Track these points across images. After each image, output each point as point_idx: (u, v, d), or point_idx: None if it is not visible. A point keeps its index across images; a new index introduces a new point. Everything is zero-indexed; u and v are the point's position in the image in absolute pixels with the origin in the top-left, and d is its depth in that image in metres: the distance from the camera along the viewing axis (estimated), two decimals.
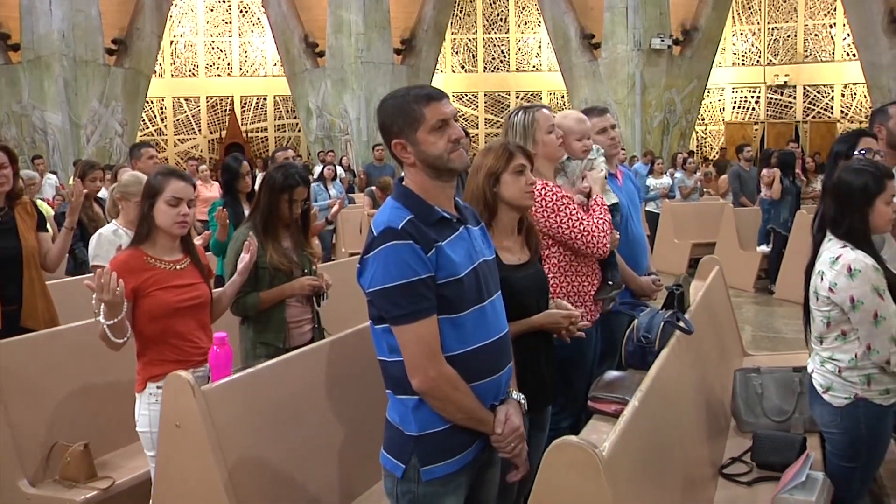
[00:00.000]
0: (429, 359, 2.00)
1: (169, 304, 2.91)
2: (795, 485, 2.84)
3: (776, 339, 7.19)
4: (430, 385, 2.01)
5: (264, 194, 3.58)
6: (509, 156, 2.64)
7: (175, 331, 2.94)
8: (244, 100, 22.87)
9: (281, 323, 3.53)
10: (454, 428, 2.07)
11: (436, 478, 2.06)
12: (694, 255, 9.66)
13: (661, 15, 16.83)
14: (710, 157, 20.75)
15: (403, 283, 1.96)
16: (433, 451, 2.06)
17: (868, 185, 2.81)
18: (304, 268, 3.62)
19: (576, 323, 2.73)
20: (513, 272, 2.60)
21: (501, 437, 2.10)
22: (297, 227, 3.67)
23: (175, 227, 2.95)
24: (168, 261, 2.98)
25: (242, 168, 5.15)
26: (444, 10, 19.08)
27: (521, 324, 2.60)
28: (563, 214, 3.16)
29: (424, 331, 1.99)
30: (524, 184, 2.63)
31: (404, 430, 2.08)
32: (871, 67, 16.38)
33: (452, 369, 2.03)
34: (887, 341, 2.75)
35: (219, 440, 2.50)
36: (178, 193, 2.93)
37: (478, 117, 23.25)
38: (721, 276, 4.62)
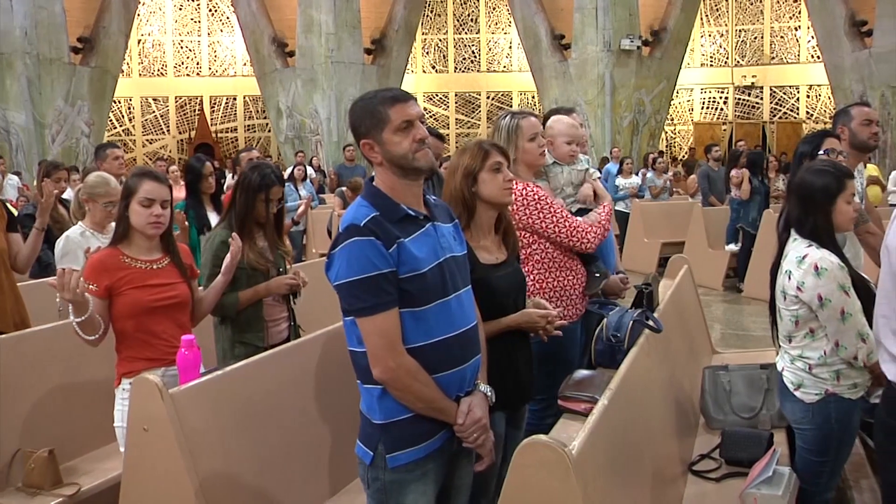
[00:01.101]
0: (389, 350, 2.07)
1: (142, 302, 2.92)
2: (763, 480, 2.88)
3: (745, 337, 7.28)
4: (390, 375, 2.09)
5: (240, 194, 3.58)
6: (485, 154, 2.67)
7: (149, 329, 2.95)
8: (213, 100, 22.68)
9: (260, 322, 3.55)
10: (418, 416, 2.14)
11: (401, 464, 2.13)
12: (663, 255, 9.74)
13: (631, 16, 16.98)
14: (679, 157, 20.97)
15: (364, 277, 2.04)
16: (398, 438, 2.14)
17: (829, 185, 2.87)
18: (278, 266, 3.65)
19: (553, 322, 2.75)
20: (490, 271, 2.61)
21: (463, 428, 2.16)
22: (271, 227, 3.68)
23: (148, 228, 2.95)
24: (145, 260, 2.99)
25: (205, 169, 5.09)
26: (414, 10, 19.06)
27: (498, 322, 2.62)
28: (548, 213, 3.23)
29: (384, 323, 2.07)
30: (502, 181, 2.65)
31: (371, 418, 2.17)
32: (834, 69, 16.66)
33: (413, 360, 2.10)
34: (854, 337, 2.80)
35: (188, 444, 2.47)
36: (151, 194, 2.93)
37: (448, 117, 23.26)
38: (690, 275, 4.67)
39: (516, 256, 2.84)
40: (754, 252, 8.88)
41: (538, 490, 1.87)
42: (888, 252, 1.94)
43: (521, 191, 3.21)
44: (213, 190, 5.17)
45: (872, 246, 3.76)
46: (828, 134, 3.91)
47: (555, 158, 3.57)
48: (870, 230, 3.80)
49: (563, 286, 3.34)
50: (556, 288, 3.33)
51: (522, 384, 2.75)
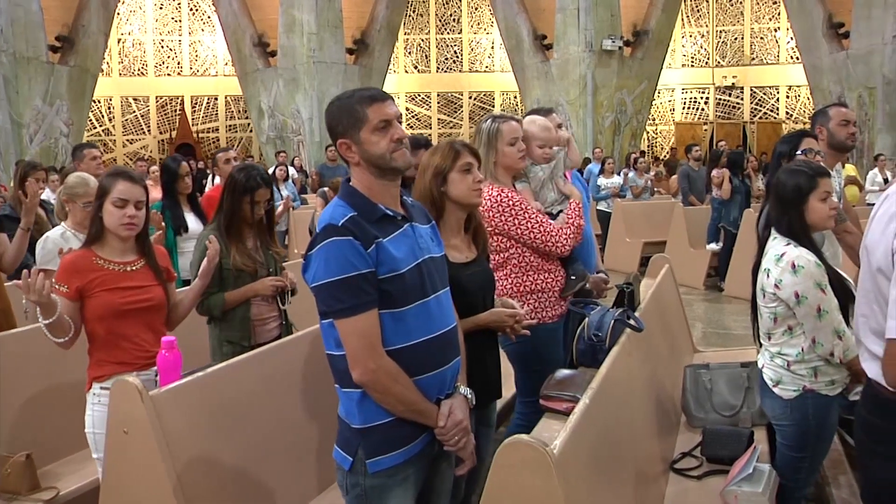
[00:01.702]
0: (368, 352, 2.04)
1: (114, 305, 2.87)
2: (743, 477, 2.92)
3: (726, 336, 7.32)
4: (370, 378, 2.05)
5: (227, 196, 3.60)
6: (456, 154, 2.66)
7: (121, 332, 2.90)
8: (195, 100, 22.54)
9: (245, 321, 3.56)
10: (399, 420, 2.11)
11: (382, 469, 2.10)
12: (645, 254, 9.81)
13: (613, 17, 17.05)
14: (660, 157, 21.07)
15: (343, 278, 2.02)
16: (378, 443, 2.10)
17: (801, 185, 2.92)
18: (269, 267, 3.65)
19: (520, 321, 2.76)
20: (459, 270, 2.61)
21: (444, 431, 2.14)
22: (261, 227, 3.70)
23: (121, 230, 2.91)
24: (118, 262, 2.94)
25: (182, 169, 5.05)
26: (397, 10, 19.05)
27: (466, 322, 2.62)
28: (523, 218, 3.24)
29: (364, 324, 2.04)
30: (471, 182, 2.65)
31: (350, 422, 2.13)
32: (813, 70, 16.83)
33: (393, 362, 2.07)
34: (830, 334, 2.84)
35: (168, 446, 2.45)
36: (124, 195, 2.89)
37: (430, 117, 23.25)
38: (671, 274, 4.69)
39: (486, 256, 2.85)
40: (735, 251, 8.94)
41: (520, 489, 1.87)
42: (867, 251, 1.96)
43: (497, 196, 3.22)
44: (190, 190, 5.12)
45: (850, 244, 3.80)
46: (805, 134, 3.95)
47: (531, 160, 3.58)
48: (847, 229, 3.84)
49: (542, 288, 3.35)
50: (535, 290, 3.34)
51: (490, 382, 2.76)
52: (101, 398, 2.84)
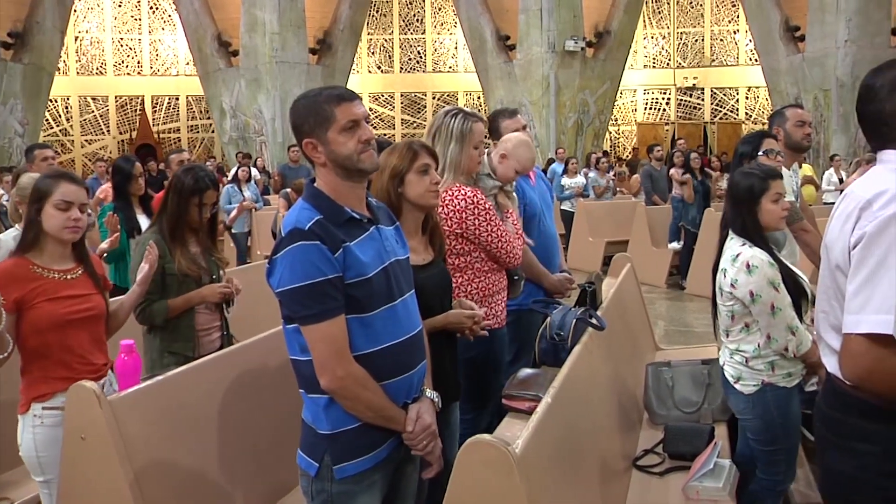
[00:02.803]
0: (336, 358, 2.01)
1: (58, 316, 2.70)
2: (704, 472, 2.96)
3: (687, 333, 7.41)
4: (339, 384, 2.02)
5: (172, 198, 3.45)
6: (413, 155, 2.63)
7: (65, 345, 2.74)
8: (155, 99, 22.25)
9: (190, 331, 3.42)
10: (366, 426, 2.08)
11: (349, 476, 2.07)
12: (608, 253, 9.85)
13: (575, 18, 17.17)
14: (623, 157, 21.29)
15: (310, 283, 1.97)
16: (345, 449, 2.07)
17: (753, 186, 3.03)
18: (212, 273, 3.52)
19: (479, 322, 2.75)
20: (417, 272, 2.58)
21: (413, 435, 2.12)
22: (204, 232, 3.56)
23: (65, 233, 2.75)
24: (58, 270, 2.77)
25: (135, 169, 4.90)
26: (360, 10, 18.98)
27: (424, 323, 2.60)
28: (493, 224, 3.22)
29: (332, 330, 2.00)
30: (428, 183, 2.63)
31: (317, 428, 2.09)
32: (771, 72, 17.14)
33: (361, 368, 2.04)
34: (784, 330, 2.94)
35: (127, 452, 2.41)
36: (69, 197, 2.73)
37: (394, 118, 23.23)
38: (633, 273, 4.73)
39: (443, 257, 2.83)
40: (696, 250, 9.06)
41: (482, 489, 1.87)
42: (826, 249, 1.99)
43: (472, 197, 3.17)
44: (143, 192, 4.99)
45: (807, 243, 3.87)
46: (766, 135, 4.02)
47: (491, 170, 3.53)
48: (804, 228, 3.91)
49: (499, 289, 3.34)
50: (494, 293, 3.32)
51: (450, 383, 2.74)
52: (44, 419, 2.69)
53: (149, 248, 3.20)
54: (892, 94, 1.88)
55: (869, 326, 1.75)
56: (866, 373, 1.80)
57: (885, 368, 1.77)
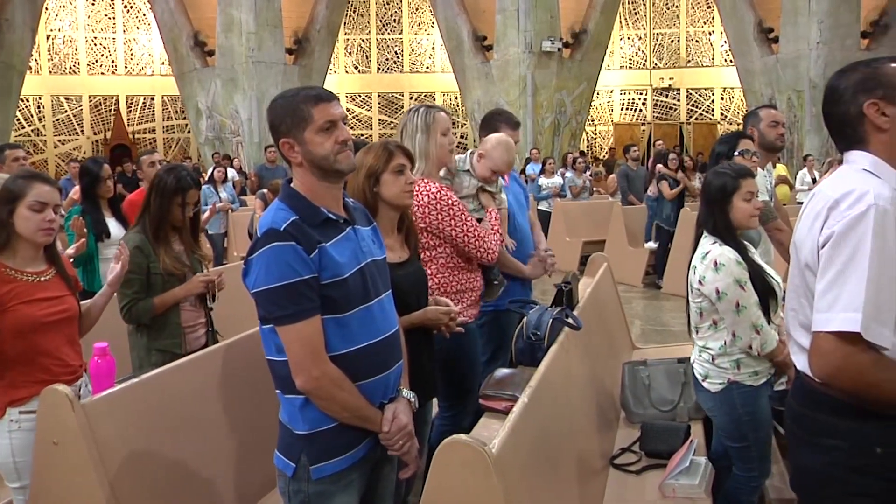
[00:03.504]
0: (312, 358, 2.01)
1: (34, 318, 2.68)
2: (680, 470, 2.99)
3: (664, 332, 7.46)
4: (314, 385, 2.02)
5: (155, 197, 3.48)
6: (389, 155, 2.65)
7: (41, 348, 2.71)
8: (130, 99, 22.04)
9: (177, 327, 3.46)
10: (342, 426, 2.08)
11: (325, 476, 2.08)
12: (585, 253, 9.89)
13: (552, 18, 17.23)
14: (599, 157, 21.40)
15: (286, 283, 1.97)
16: (322, 449, 2.08)
17: (725, 185, 3.06)
18: (195, 271, 3.57)
19: (455, 319, 2.78)
20: (393, 270, 2.59)
21: (389, 436, 2.13)
22: (187, 231, 3.60)
23: (39, 235, 2.72)
24: (31, 272, 2.74)
25: (104, 171, 4.84)
26: (337, 10, 18.91)
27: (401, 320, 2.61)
28: (459, 220, 3.21)
29: (307, 331, 2.00)
30: (404, 183, 2.65)
31: (293, 428, 2.09)
32: (745, 73, 17.31)
33: (337, 369, 2.04)
34: (748, 328, 2.98)
35: (101, 457, 2.38)
36: (43, 198, 2.71)
37: (371, 118, 23.18)
38: (609, 273, 4.76)
39: (418, 255, 2.85)
40: (672, 249, 9.13)
41: (459, 489, 1.87)
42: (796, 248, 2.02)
43: (435, 193, 3.18)
44: (112, 194, 4.93)
45: (781, 241, 3.93)
46: (742, 135, 4.07)
47: (471, 167, 3.55)
48: (778, 227, 3.96)
49: (466, 287, 3.34)
50: (460, 290, 3.32)
51: (426, 381, 2.75)
52: (21, 424, 2.65)
53: (119, 248, 3.20)
54: (855, 97, 1.92)
55: (837, 324, 1.78)
56: (835, 370, 1.83)
57: (853, 365, 1.80)
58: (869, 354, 1.78)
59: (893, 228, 1.78)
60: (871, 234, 1.76)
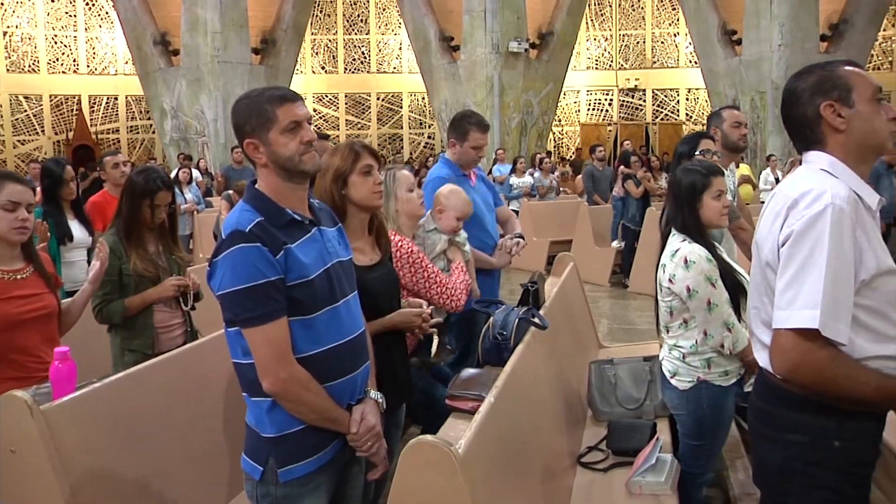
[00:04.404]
0: (279, 361, 2.00)
1: (10, 316, 2.71)
2: (647, 468, 3.01)
3: (631, 331, 7.51)
4: (281, 387, 2.01)
5: (125, 200, 3.49)
6: (356, 156, 2.64)
7: (18, 345, 2.74)
8: (93, 99, 21.69)
9: (147, 328, 3.46)
10: (310, 428, 2.08)
11: (294, 478, 2.07)
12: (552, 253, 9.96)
13: (519, 19, 17.28)
14: (566, 157, 21.52)
15: (251, 285, 1.96)
16: (290, 452, 2.07)
17: (695, 183, 3.06)
18: (172, 272, 3.56)
19: (428, 320, 2.77)
20: (365, 273, 2.59)
21: (357, 437, 2.12)
22: (163, 232, 3.60)
23: (13, 234, 2.76)
24: (7, 270, 2.78)
25: (66, 173, 4.78)
26: (303, 9, 18.79)
27: (374, 324, 2.61)
28: (421, 271, 3.15)
29: (274, 333, 1.99)
30: (372, 184, 2.63)
31: (260, 432, 2.08)
32: (709, 74, 17.52)
33: (304, 370, 2.04)
34: (720, 326, 2.98)
35: (63, 464, 2.32)
36: (15, 197, 2.75)
37: (338, 118, 23.08)
38: (576, 272, 4.78)
39: (389, 257, 2.84)
40: (638, 248, 9.21)
41: (425, 490, 1.87)
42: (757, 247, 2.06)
43: (397, 242, 3.11)
44: (74, 196, 4.86)
45: (744, 241, 3.98)
46: (703, 135, 4.12)
47: (437, 226, 3.52)
48: (741, 226, 4.02)
49: None
50: None
51: (400, 384, 2.75)
52: None
53: (98, 246, 3.21)
54: (812, 99, 1.96)
55: (796, 322, 1.82)
56: (794, 366, 1.87)
57: (812, 362, 1.84)
58: (827, 350, 1.82)
59: (850, 227, 1.82)
60: (828, 232, 1.80)
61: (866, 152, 1.98)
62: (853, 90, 1.94)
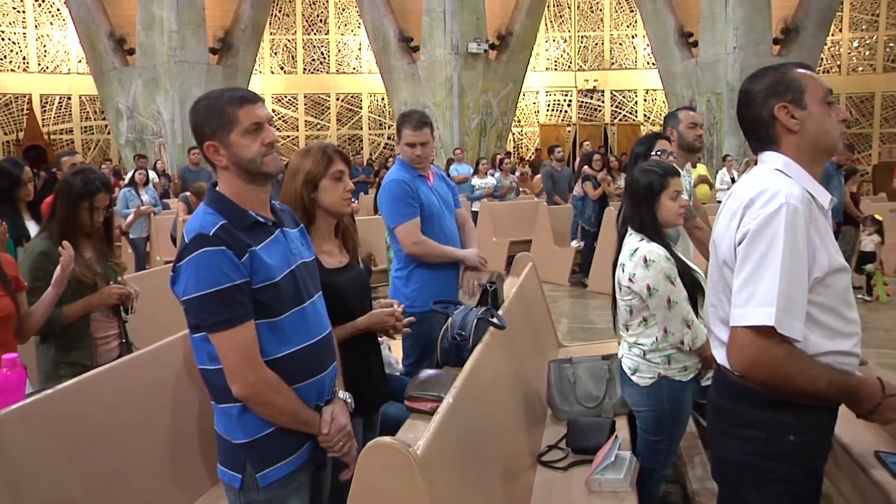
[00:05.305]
0: (247, 365, 1.98)
1: None
2: (606, 465, 3.03)
3: (590, 330, 7.57)
4: (251, 391, 1.99)
5: (61, 202, 3.33)
6: (329, 161, 2.60)
7: None
8: (44, 98, 21.20)
9: (86, 338, 3.30)
10: (281, 429, 2.07)
11: (274, 481, 2.06)
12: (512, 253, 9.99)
13: (478, 20, 17.33)
14: (526, 158, 21.64)
15: (217, 289, 1.94)
16: (265, 455, 2.06)
17: (653, 183, 3.11)
18: (109, 279, 3.42)
19: (401, 319, 2.75)
20: (335, 276, 2.58)
21: (328, 437, 2.12)
22: (98, 237, 3.44)
23: None
24: None
25: (24, 174, 4.65)
26: (261, 9, 18.61)
27: (347, 327, 2.60)
28: None
29: (241, 337, 1.97)
30: (342, 190, 2.61)
31: (232, 439, 2.07)
32: (667, 76, 17.77)
33: (273, 373, 2.02)
34: (680, 323, 3.03)
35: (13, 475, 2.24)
36: None
37: (297, 119, 22.90)
38: (534, 272, 4.80)
39: (357, 259, 2.82)
40: (597, 248, 9.29)
41: (384, 492, 1.85)
42: (715, 246, 2.09)
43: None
44: (32, 197, 4.74)
45: (700, 240, 4.03)
46: (659, 136, 4.16)
47: None
48: (697, 225, 4.06)
49: None
50: None
51: (377, 387, 2.74)
52: None
53: (63, 249, 3.08)
54: (767, 100, 2.00)
55: (753, 319, 1.86)
56: (751, 362, 1.90)
57: (768, 358, 1.87)
58: (783, 347, 1.86)
59: (804, 226, 1.86)
60: (783, 231, 1.84)
61: (818, 153, 2.02)
62: (806, 92, 1.98)
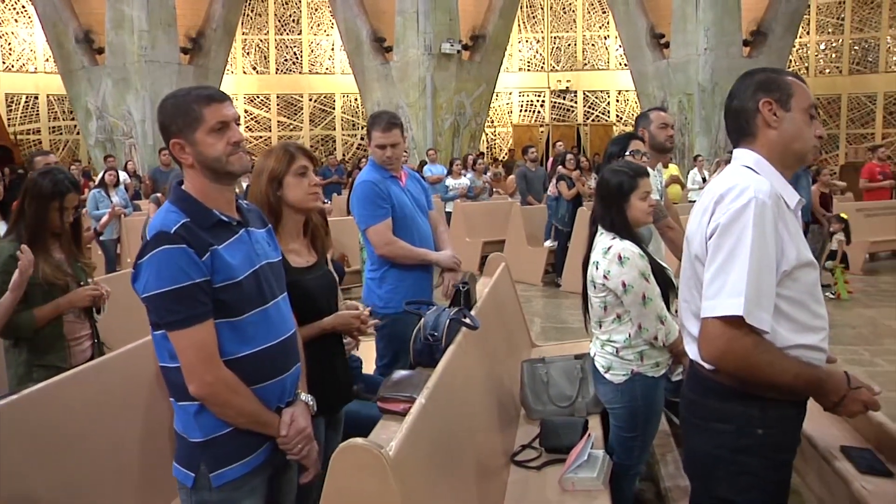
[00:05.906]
0: (205, 363, 1.97)
1: None
2: (579, 464, 3.05)
3: (563, 329, 7.60)
4: (208, 390, 1.99)
5: (30, 202, 3.28)
6: (290, 157, 2.60)
7: None
8: (10, 98, 20.86)
9: (60, 341, 3.27)
10: (239, 430, 2.05)
11: (227, 482, 2.04)
12: (485, 253, 10.01)
13: (451, 21, 17.33)
14: (499, 158, 21.69)
15: (177, 287, 1.93)
16: (221, 455, 2.04)
17: (622, 184, 3.15)
18: (79, 280, 3.38)
19: (366, 321, 2.75)
20: (302, 275, 2.57)
21: (287, 440, 2.11)
22: (68, 238, 3.40)
23: None
24: None
25: None
26: (233, 8, 18.46)
27: (313, 327, 2.60)
28: None
29: (200, 335, 1.96)
30: (307, 185, 2.60)
31: (189, 437, 2.05)
32: (639, 77, 17.91)
33: (231, 373, 2.01)
34: (654, 319, 3.08)
35: None
36: None
37: (270, 120, 22.76)
38: (507, 272, 4.81)
39: (325, 259, 2.82)
40: (570, 248, 9.32)
41: (356, 493, 1.85)
42: (687, 242, 2.15)
43: None
44: (2, 197, 4.69)
45: (671, 239, 4.07)
46: (633, 136, 4.19)
47: None
48: (669, 224, 4.10)
49: None
50: None
51: (341, 386, 2.74)
52: None
53: (21, 254, 3.03)
54: (755, 94, 2.07)
55: (722, 310, 1.90)
56: (721, 353, 1.95)
57: (738, 349, 1.91)
58: (751, 338, 1.90)
59: (772, 220, 1.91)
60: (752, 224, 1.89)
61: (789, 156, 2.08)
62: (793, 97, 2.06)
